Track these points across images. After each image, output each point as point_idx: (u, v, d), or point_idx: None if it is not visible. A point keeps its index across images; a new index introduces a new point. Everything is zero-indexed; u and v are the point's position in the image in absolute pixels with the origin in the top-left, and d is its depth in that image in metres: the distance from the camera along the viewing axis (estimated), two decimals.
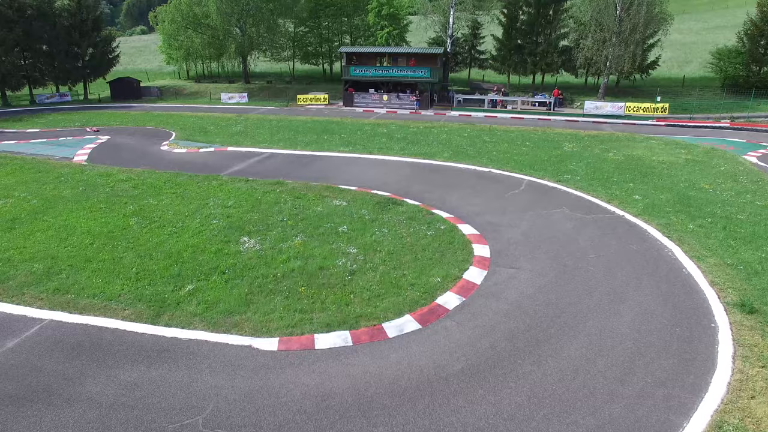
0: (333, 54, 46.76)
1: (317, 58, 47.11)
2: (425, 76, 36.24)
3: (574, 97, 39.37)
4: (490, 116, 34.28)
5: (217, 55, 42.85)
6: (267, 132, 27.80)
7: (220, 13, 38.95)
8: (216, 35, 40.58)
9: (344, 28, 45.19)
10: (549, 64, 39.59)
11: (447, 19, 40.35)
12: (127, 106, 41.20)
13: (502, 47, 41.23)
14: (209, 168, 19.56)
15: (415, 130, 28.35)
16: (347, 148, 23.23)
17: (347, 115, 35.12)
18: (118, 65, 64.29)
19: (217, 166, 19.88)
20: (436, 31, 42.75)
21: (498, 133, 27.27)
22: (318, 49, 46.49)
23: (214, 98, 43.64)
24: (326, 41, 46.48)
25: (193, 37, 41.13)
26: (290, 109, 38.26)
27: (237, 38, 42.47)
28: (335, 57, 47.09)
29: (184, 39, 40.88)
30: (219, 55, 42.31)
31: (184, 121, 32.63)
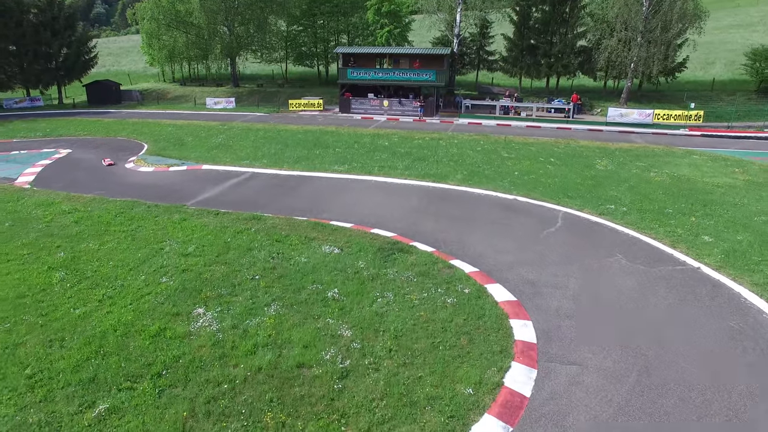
0: (329, 55, 43.82)
1: (312, 60, 44.13)
2: (430, 79, 33.25)
3: (593, 102, 36.39)
4: (503, 125, 31.29)
5: (202, 56, 39.88)
6: (251, 145, 24.77)
7: (204, 10, 35.92)
8: (201, 34, 37.48)
9: (341, 27, 42.18)
10: (566, 66, 36.61)
11: (453, 16, 37.42)
12: (103, 112, 38.20)
13: (514, 48, 38.29)
14: (176, 194, 16.53)
15: (421, 142, 25.34)
16: (342, 166, 20.20)
17: (344, 123, 32.11)
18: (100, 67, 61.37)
19: (186, 192, 16.85)
20: (441, 30, 39.82)
21: (516, 147, 24.27)
22: (312, 50, 43.50)
23: (199, 103, 40.64)
24: (321, 41, 43.51)
25: (177, 37, 38.07)
26: (281, 116, 35.24)
27: (224, 38, 39.45)
28: (331, 58, 44.15)
29: (166, 38, 37.82)
30: (204, 57, 39.31)
31: (161, 130, 29.61)
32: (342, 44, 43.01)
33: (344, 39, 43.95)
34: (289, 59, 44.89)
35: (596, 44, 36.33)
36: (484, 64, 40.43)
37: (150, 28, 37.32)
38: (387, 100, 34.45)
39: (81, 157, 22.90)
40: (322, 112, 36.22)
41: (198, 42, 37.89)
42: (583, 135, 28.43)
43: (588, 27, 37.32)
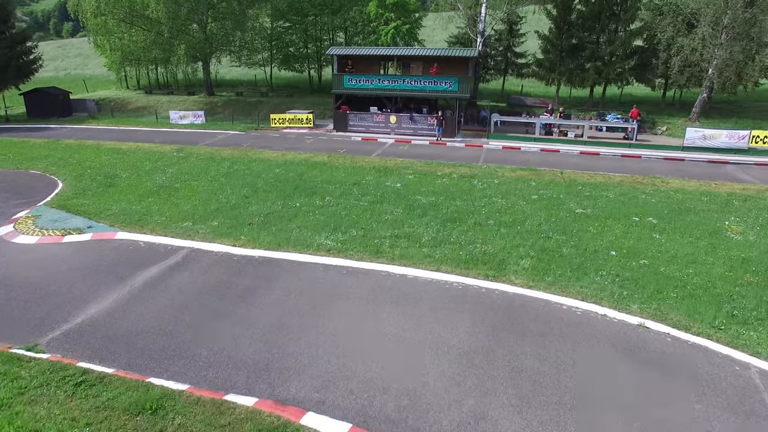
0: (322, 57, 36.58)
1: (301, 63, 36.83)
2: (451, 89, 26.02)
3: (654, 117, 29.18)
4: (550, 150, 24.11)
5: (164, 58, 32.69)
6: (205, 188, 17.57)
7: (162, 1, 28.55)
8: (161, 32, 30.16)
9: (337, 23, 34.89)
10: (619, 73, 29.40)
11: (477, 10, 30.21)
12: (39, 129, 30.99)
13: (551, 48, 31.11)
14: (38, 307, 9.51)
15: (447, 182, 18.14)
16: (334, 236, 13.05)
17: (338, 146, 24.91)
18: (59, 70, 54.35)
19: (60, 300, 9.85)
20: (460, 26, 32.60)
21: (585, 191, 17.10)
22: (302, 51, 36.21)
23: (162, 117, 33.38)
24: (313, 40, 36.26)
25: (132, 35, 30.78)
26: (259, 135, 28.03)
27: (192, 35, 32.15)
28: (325, 61, 36.93)
29: (118, 36, 30.54)
30: (167, 59, 32.12)
31: (95, 159, 22.39)
32: (338, 44, 35.77)
33: (341, 37, 36.68)
34: (275, 62, 37.63)
35: (652, 42, 29.24)
36: (512, 68, 33.22)
37: (97, 24, 30.05)
38: (395, 116, 27.21)
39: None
40: (311, 130, 28.98)
41: (159, 41, 30.63)
42: (661, 167, 21.22)
43: (645, 22, 30.13)
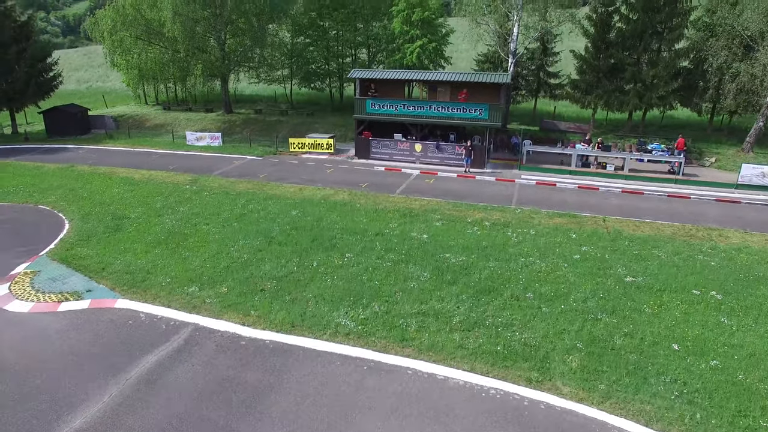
0: (344, 73, 35.18)
1: (322, 80, 35.50)
2: (481, 116, 24.38)
3: (699, 146, 27.01)
4: (588, 188, 22.24)
5: (182, 76, 31.74)
6: (216, 235, 16.35)
7: (179, 20, 27.56)
8: (177, 50, 29.20)
9: (359, 39, 33.47)
10: (662, 97, 27.29)
11: (508, 28, 28.43)
12: (57, 149, 30.40)
13: (587, 69, 29.16)
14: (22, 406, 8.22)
15: (479, 233, 16.54)
16: (351, 317, 11.68)
17: (360, 178, 23.50)
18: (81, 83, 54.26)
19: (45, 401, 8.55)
20: (489, 44, 30.82)
21: (632, 247, 15.41)
22: (324, 68, 34.89)
23: (178, 136, 32.48)
24: (335, 56, 34.91)
25: (148, 52, 29.90)
26: (277, 162, 26.81)
27: (210, 53, 31.17)
28: (347, 78, 35.44)
29: (135, 55, 29.71)
30: (184, 77, 31.16)
31: (106, 192, 21.47)
32: (361, 61, 34.35)
33: (363, 54, 35.23)
34: (295, 79, 36.42)
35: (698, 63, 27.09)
36: (545, 89, 31.32)
37: (113, 42, 29.26)
38: (420, 144, 25.68)
39: None
40: (332, 156, 27.66)
41: (176, 60, 29.70)
42: (715, 212, 19.22)
43: (692, 42, 27.97)
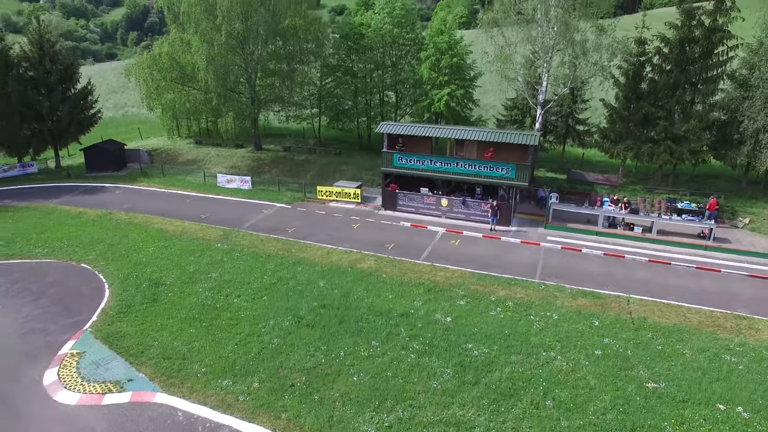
0: (371, 111, 35.71)
1: (351, 119, 36.14)
2: (507, 176, 24.65)
3: (734, 205, 26.61)
4: (613, 254, 22.24)
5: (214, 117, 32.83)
6: (246, 312, 17.12)
7: (212, 68, 28.70)
8: (209, 98, 30.41)
9: (387, 81, 34.03)
10: (695, 152, 26.99)
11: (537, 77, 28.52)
12: (94, 189, 32.01)
13: (617, 119, 29.00)
14: None
15: (501, 318, 16.86)
16: (376, 425, 12.18)
17: (387, 234, 24.10)
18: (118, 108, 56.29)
19: None
20: (518, 89, 30.91)
21: (656, 340, 15.56)
22: (352, 109, 35.48)
23: (210, 174, 33.64)
24: (363, 92, 35.49)
25: (182, 95, 31.19)
26: (305, 212, 27.58)
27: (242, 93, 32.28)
28: (375, 114, 36.02)
29: (169, 97, 31.06)
30: (216, 118, 32.28)
31: (142, 248, 22.65)
32: (388, 103, 34.80)
33: (390, 96, 35.66)
34: (324, 118, 37.22)
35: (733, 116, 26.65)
36: (574, 137, 31.29)
37: (148, 90, 30.71)
38: (446, 199, 26.10)
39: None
40: (358, 206, 28.31)
41: (207, 103, 30.90)
42: (747, 294, 18.94)
43: (727, 93, 27.60)
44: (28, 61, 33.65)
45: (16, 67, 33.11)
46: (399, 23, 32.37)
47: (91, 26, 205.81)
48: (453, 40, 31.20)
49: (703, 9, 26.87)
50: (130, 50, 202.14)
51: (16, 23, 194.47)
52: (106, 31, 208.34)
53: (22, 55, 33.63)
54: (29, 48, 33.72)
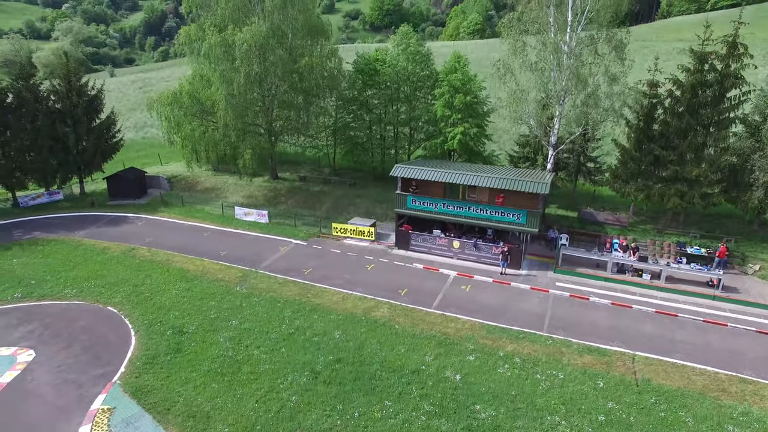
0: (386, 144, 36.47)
1: (366, 151, 36.97)
2: (518, 222, 25.38)
3: (741, 248, 26.95)
4: (620, 305, 22.80)
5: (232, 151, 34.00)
6: (265, 366, 18.06)
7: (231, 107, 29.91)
8: (228, 134, 31.64)
9: (402, 116, 34.87)
10: (704, 196, 27.40)
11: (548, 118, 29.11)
12: (117, 218, 33.28)
13: (629, 160, 29.47)
14: None
15: (509, 376, 17.61)
16: None
17: (400, 278, 24.96)
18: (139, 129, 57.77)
19: None
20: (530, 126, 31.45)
21: (659, 405, 16.30)
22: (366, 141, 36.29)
23: (228, 204, 34.80)
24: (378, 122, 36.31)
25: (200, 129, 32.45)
26: (320, 251, 28.51)
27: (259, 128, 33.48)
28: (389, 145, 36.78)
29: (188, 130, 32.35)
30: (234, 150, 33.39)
31: (166, 291, 23.81)
32: (402, 137, 35.59)
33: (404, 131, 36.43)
34: (338, 149, 38.16)
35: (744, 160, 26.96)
36: (585, 175, 31.81)
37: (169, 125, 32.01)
38: (458, 241, 26.88)
39: (35, 389, 17.12)
40: (372, 243, 29.20)
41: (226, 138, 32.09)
42: (755, 352, 19.36)
43: (738, 138, 27.97)
44: (57, 94, 35.15)
45: (45, 101, 34.61)
46: (413, 60, 33.19)
47: (111, 31, 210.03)
48: (467, 78, 31.91)
49: (716, 53, 27.26)
50: (147, 55, 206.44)
51: (39, 29, 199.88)
52: (125, 35, 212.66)
53: (51, 89, 35.13)
54: (58, 82, 35.22)
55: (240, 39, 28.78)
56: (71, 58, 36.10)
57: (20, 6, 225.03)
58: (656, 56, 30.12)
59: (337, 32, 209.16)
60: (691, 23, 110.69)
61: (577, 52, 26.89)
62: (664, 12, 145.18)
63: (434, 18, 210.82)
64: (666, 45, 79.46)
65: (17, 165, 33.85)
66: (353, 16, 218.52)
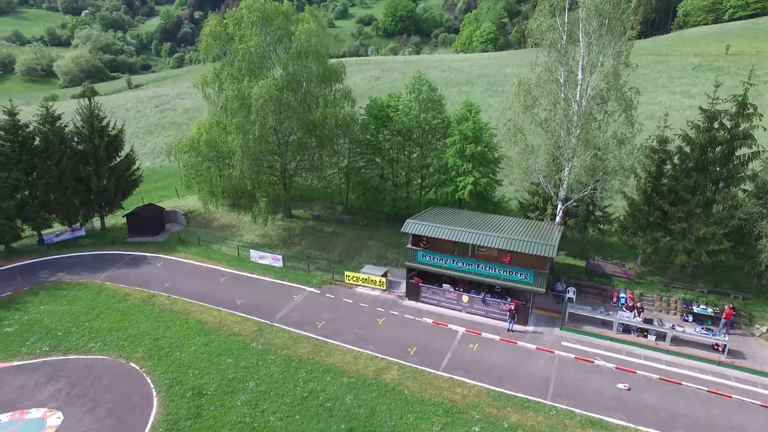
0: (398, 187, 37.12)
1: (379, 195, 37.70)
2: (526, 281, 26.14)
3: (751, 309, 27.33)
4: (624, 370, 23.41)
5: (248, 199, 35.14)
6: None
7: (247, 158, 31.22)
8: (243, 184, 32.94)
9: (413, 164, 35.69)
10: (711, 253, 27.81)
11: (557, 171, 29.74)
12: (136, 258, 34.62)
13: (637, 213, 29.96)
14: None
15: None
16: None
17: (410, 334, 25.87)
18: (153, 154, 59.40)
19: None
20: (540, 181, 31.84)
21: None
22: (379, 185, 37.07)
23: (243, 247, 35.97)
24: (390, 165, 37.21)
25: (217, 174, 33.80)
26: (334, 300, 29.52)
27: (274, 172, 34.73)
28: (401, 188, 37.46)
29: (204, 175, 33.71)
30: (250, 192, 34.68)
31: (185, 345, 25.07)
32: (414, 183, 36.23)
33: (416, 180, 37.24)
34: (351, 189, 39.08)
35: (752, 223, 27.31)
36: (593, 225, 32.36)
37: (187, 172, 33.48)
38: (467, 296, 27.69)
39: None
40: (384, 293, 30.12)
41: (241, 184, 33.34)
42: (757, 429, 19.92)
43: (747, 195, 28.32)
44: (80, 135, 36.65)
45: (69, 142, 36.14)
46: (426, 108, 34.00)
47: (128, 38, 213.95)
48: (478, 127, 32.61)
49: (726, 112, 27.66)
50: (163, 61, 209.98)
51: (60, 36, 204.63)
52: (141, 41, 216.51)
53: (75, 131, 36.65)
54: (81, 125, 36.73)
55: (255, 94, 29.97)
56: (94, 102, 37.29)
57: (42, 13, 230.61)
58: (666, 112, 30.42)
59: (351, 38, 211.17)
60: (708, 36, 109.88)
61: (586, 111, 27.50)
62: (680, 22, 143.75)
63: (447, 24, 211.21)
64: (681, 60, 79.14)
65: (43, 205, 35.39)
66: (366, 21, 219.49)
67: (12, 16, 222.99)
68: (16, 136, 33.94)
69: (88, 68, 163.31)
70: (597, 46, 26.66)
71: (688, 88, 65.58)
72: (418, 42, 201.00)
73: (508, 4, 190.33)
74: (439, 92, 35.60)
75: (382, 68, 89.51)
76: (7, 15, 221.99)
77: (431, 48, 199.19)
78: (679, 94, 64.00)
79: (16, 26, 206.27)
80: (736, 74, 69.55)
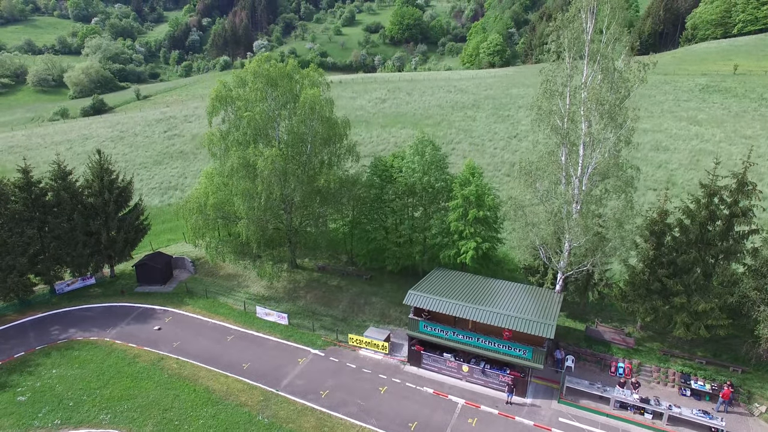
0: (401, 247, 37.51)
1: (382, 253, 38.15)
2: (524, 357, 26.75)
3: (750, 385, 27.68)
4: None
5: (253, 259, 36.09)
6: None
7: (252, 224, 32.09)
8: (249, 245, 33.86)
9: (416, 224, 36.18)
10: (710, 327, 28.22)
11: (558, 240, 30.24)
12: (143, 315, 35.55)
13: (637, 282, 30.35)
14: None
15: None
16: None
17: (411, 406, 26.52)
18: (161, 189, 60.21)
19: None
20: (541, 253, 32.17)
21: None
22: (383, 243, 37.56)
23: (249, 301, 36.75)
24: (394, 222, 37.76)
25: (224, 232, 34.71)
26: (338, 364, 30.27)
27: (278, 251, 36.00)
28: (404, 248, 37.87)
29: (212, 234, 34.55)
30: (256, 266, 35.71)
31: (192, 416, 25.85)
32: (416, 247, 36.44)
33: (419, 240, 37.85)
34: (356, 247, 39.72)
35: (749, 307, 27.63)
36: (593, 291, 32.82)
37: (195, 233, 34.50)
38: (467, 366, 28.33)
39: None
40: (386, 357, 30.82)
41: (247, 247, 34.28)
42: None
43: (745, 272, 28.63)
44: (90, 189, 37.64)
45: (80, 196, 37.15)
46: (429, 170, 34.52)
47: (137, 46, 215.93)
48: (481, 191, 33.03)
49: (726, 187, 28.03)
50: (171, 69, 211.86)
51: (71, 45, 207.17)
52: (150, 49, 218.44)
53: (86, 185, 37.67)
54: (91, 179, 37.72)
55: (261, 166, 30.85)
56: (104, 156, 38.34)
57: (53, 21, 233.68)
58: (666, 195, 30.69)
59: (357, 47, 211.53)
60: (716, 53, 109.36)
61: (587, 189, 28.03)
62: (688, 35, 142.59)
63: (454, 32, 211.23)
64: (688, 80, 78.96)
65: (55, 259, 36.40)
66: (373, 29, 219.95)
67: (24, 23, 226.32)
68: (30, 193, 35.00)
69: (97, 78, 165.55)
70: (599, 125, 27.18)
71: (694, 113, 64.40)
72: (425, 51, 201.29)
73: (515, 13, 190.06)
74: (443, 151, 36.16)
75: (388, 88, 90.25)
76: (19, 23, 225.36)
77: (438, 57, 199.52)
78: (686, 120, 62.54)
79: (28, 34, 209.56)
80: (743, 96, 69.45)
